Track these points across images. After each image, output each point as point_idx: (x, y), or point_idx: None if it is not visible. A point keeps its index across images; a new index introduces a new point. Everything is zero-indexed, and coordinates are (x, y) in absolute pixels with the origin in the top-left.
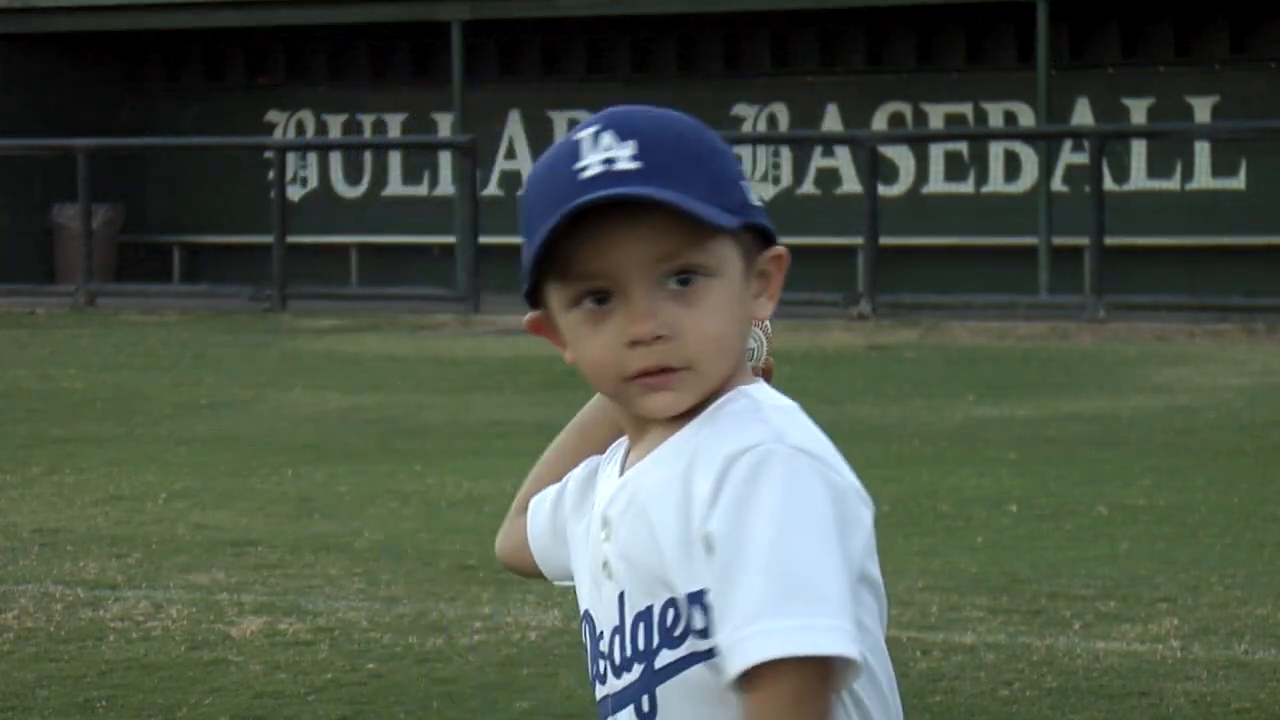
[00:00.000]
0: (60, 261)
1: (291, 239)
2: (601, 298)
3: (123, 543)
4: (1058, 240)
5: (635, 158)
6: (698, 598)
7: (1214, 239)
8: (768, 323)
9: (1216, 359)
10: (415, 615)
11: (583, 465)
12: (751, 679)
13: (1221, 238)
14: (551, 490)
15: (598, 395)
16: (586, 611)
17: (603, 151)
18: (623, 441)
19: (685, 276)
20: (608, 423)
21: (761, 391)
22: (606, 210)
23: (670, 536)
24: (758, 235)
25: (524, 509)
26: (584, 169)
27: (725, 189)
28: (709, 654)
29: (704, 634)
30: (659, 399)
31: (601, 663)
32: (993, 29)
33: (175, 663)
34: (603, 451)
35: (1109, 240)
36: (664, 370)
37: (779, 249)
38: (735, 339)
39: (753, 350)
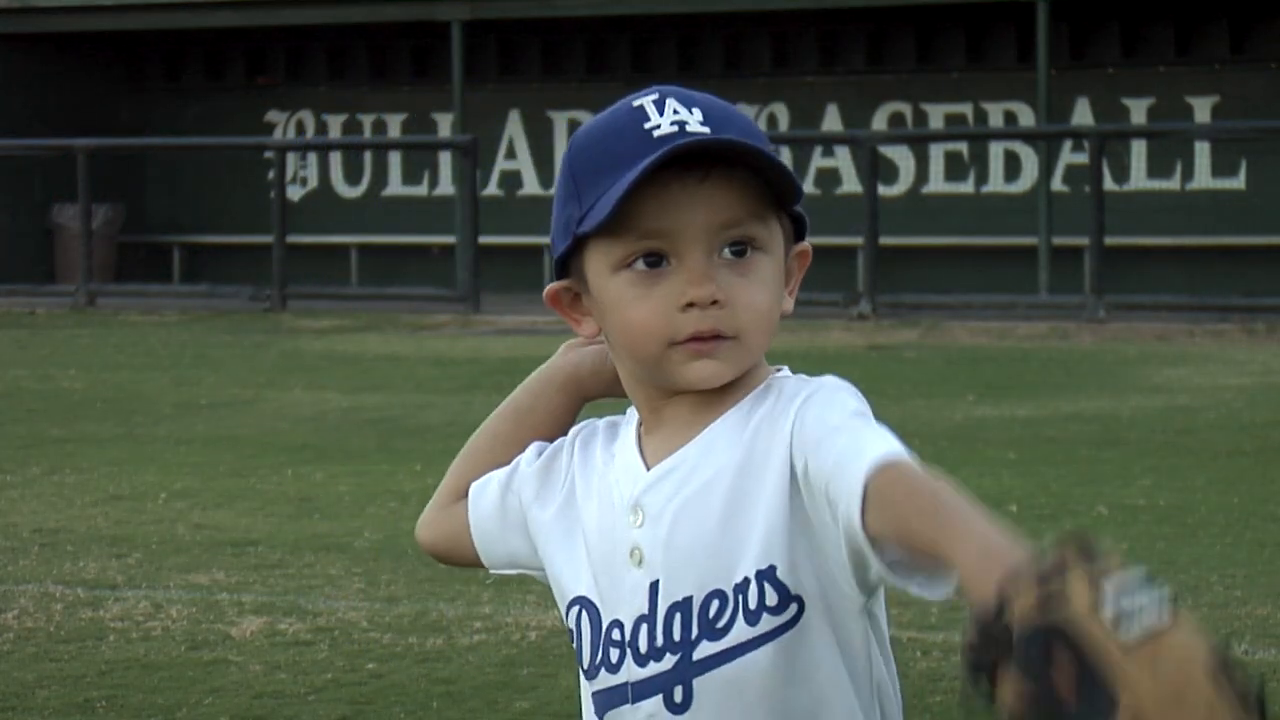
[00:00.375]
0: (60, 261)
1: (291, 239)
2: (653, 261)
3: (123, 543)
4: (1058, 240)
5: (703, 123)
6: (769, 574)
7: (1214, 239)
8: None
9: (1216, 359)
10: (415, 615)
11: (531, 449)
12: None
13: (1221, 238)
14: (496, 475)
15: (526, 383)
16: (583, 598)
17: (671, 115)
18: (592, 426)
19: (739, 248)
20: (543, 409)
21: (812, 385)
22: (680, 170)
23: (741, 513)
24: (792, 228)
25: (457, 498)
26: (656, 128)
27: (781, 167)
28: (779, 631)
29: (777, 609)
30: (703, 367)
31: (614, 650)
32: (993, 29)
33: (175, 663)
34: (546, 436)
35: (1109, 240)
36: (715, 336)
37: (805, 245)
38: (776, 318)
39: None
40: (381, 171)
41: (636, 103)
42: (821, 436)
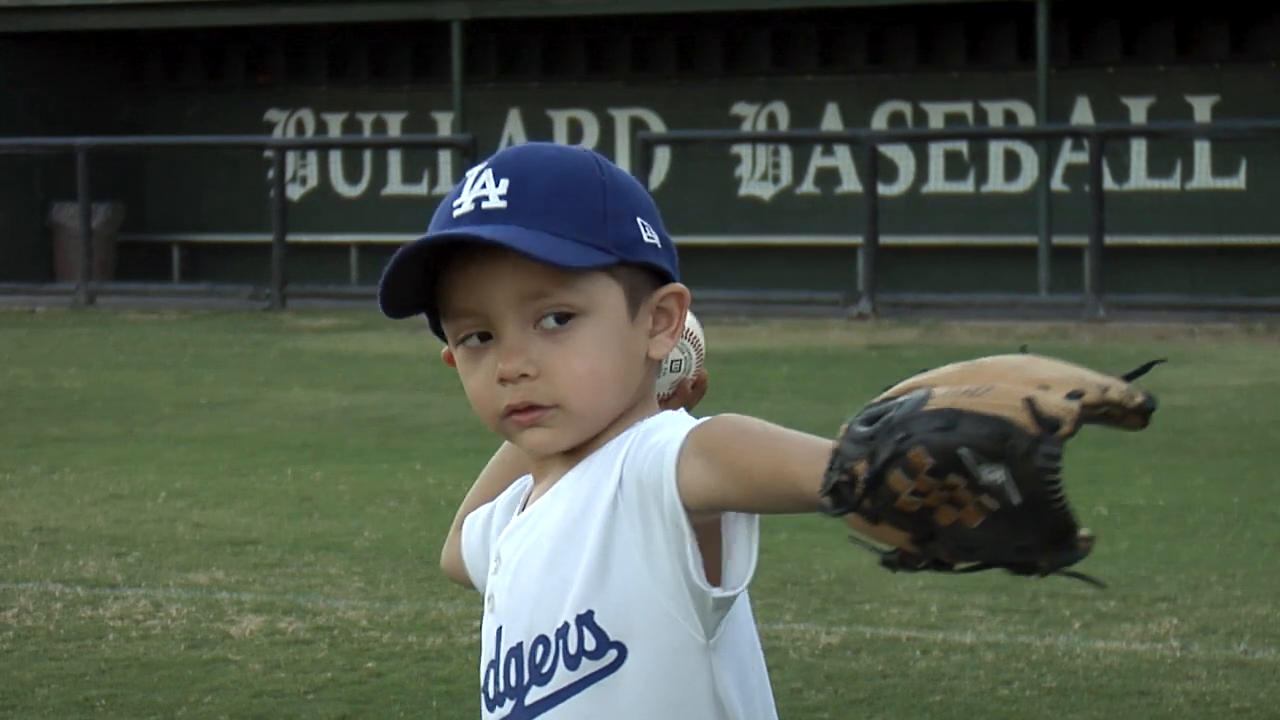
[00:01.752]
0: (60, 261)
1: (291, 238)
2: (484, 335)
3: (123, 542)
4: (1058, 240)
5: (503, 197)
6: (587, 619)
7: (1214, 239)
8: (698, 332)
9: (1216, 359)
10: (415, 615)
11: (515, 484)
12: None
13: (1221, 238)
14: (485, 508)
15: None
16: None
17: (477, 190)
18: (527, 479)
19: (561, 315)
20: None
21: (659, 419)
22: (475, 249)
23: (564, 559)
24: (652, 273)
25: (461, 525)
26: (458, 206)
27: (602, 227)
28: (599, 675)
29: (595, 654)
30: (532, 435)
31: (482, 695)
32: (993, 29)
33: (175, 662)
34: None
35: (1109, 240)
36: (532, 407)
37: (676, 286)
38: (612, 378)
39: (680, 362)
40: (381, 171)
41: (468, 173)
42: (649, 446)
